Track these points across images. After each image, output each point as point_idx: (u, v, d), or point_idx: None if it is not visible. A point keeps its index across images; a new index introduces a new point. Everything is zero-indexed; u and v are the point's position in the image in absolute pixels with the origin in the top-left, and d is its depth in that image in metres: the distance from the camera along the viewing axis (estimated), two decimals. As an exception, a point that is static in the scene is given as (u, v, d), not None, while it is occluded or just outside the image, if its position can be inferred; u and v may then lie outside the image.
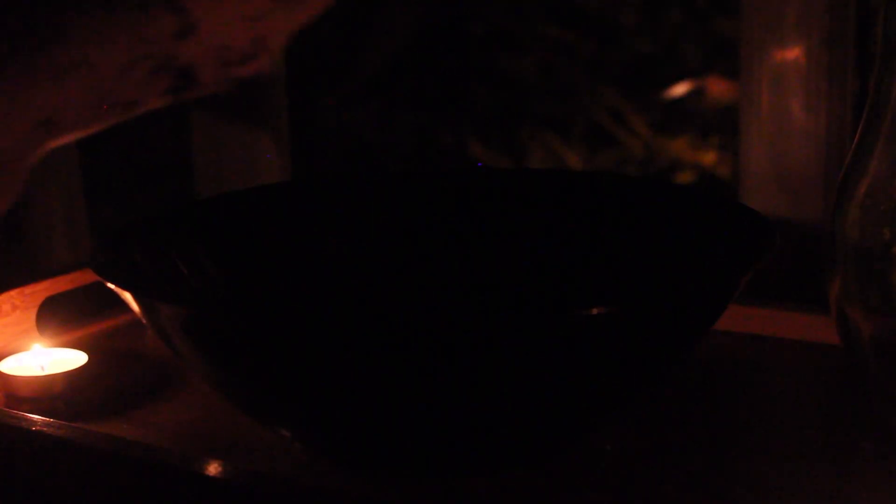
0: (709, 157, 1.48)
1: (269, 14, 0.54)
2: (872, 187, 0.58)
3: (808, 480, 0.55)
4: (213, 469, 0.58)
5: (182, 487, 0.59)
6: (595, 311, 0.46)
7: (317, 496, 0.56)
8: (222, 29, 0.53)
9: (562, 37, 1.51)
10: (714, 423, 0.62)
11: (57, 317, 0.78)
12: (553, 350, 0.48)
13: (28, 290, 0.76)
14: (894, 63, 0.57)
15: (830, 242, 0.60)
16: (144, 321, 0.55)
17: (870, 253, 0.57)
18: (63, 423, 0.61)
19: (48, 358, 0.71)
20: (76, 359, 0.71)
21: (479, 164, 1.49)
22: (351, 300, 0.69)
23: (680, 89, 1.49)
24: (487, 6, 1.54)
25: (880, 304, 0.57)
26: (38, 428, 0.60)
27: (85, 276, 0.78)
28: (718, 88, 1.48)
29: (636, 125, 1.51)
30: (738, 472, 0.56)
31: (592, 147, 1.53)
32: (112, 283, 0.54)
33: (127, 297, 0.53)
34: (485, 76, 1.54)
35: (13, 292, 0.75)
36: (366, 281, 0.70)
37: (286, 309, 0.67)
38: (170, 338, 0.54)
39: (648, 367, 0.53)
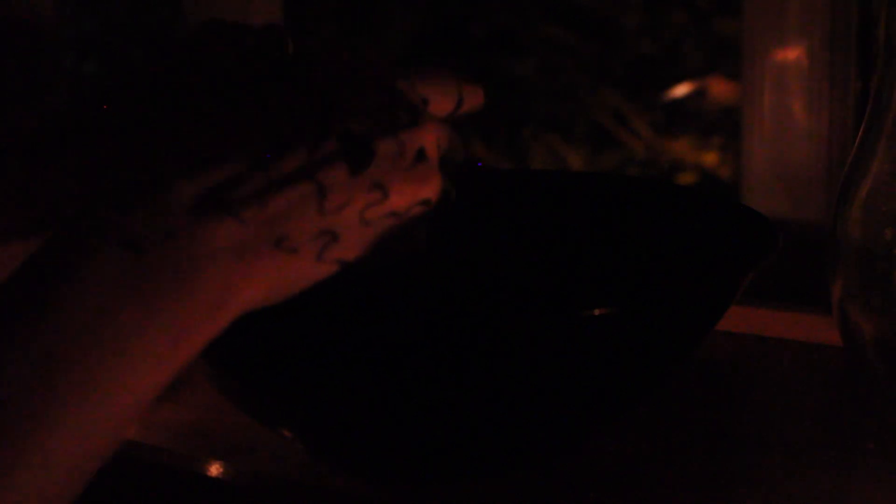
0: (710, 158, 1.48)
1: None
2: (874, 188, 0.58)
3: (810, 480, 0.55)
4: (214, 470, 0.58)
5: (183, 488, 0.59)
6: (598, 311, 0.46)
7: (319, 497, 0.56)
8: None
9: (563, 38, 1.51)
10: (715, 424, 0.62)
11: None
12: (555, 351, 0.48)
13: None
14: (896, 64, 0.57)
15: (832, 243, 0.60)
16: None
17: (872, 253, 0.57)
18: (65, 423, 0.61)
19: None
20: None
21: (480, 164, 1.49)
22: (351, 302, 0.69)
23: (681, 90, 1.49)
24: (489, 7, 1.54)
25: (882, 305, 0.57)
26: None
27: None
28: (720, 89, 1.48)
29: (638, 126, 1.51)
30: (739, 473, 0.56)
31: (594, 148, 1.53)
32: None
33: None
34: (486, 77, 1.54)
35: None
36: (365, 282, 0.70)
37: (286, 311, 0.67)
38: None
39: (651, 367, 0.53)
